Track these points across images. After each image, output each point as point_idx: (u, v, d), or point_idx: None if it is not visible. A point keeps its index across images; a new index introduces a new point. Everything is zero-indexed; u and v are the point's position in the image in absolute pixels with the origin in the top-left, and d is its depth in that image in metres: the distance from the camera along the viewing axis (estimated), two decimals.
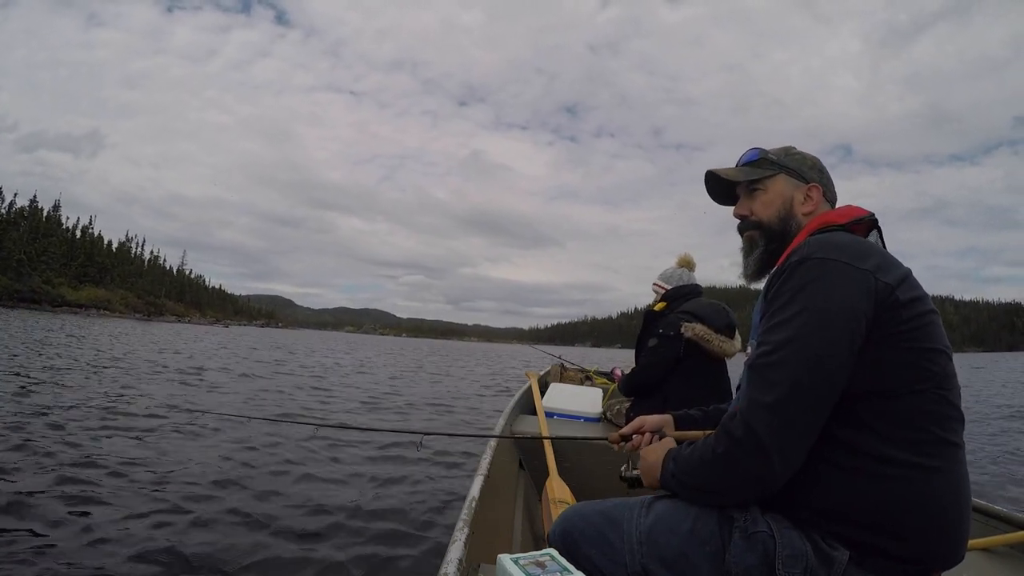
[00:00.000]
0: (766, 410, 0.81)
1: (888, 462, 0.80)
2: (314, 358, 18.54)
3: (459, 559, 1.06)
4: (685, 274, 2.74)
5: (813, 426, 0.81)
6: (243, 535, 2.59)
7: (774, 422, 0.80)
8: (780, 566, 0.81)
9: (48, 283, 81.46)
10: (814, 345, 0.81)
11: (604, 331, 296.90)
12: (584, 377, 4.58)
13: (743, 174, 1.09)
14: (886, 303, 0.82)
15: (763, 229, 1.06)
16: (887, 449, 0.80)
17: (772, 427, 0.80)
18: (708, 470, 0.89)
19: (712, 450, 0.87)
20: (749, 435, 0.82)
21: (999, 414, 8.50)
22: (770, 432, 0.80)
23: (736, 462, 0.84)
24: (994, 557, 1.52)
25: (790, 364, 0.81)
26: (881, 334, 0.82)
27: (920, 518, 0.79)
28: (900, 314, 0.82)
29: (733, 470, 0.85)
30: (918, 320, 0.83)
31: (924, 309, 0.84)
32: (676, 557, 0.89)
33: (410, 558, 2.49)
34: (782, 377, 0.81)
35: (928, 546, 0.80)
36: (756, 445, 0.81)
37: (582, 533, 0.98)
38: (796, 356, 0.81)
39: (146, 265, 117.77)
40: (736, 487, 0.87)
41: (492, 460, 1.79)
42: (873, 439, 0.81)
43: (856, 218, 0.99)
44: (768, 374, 0.83)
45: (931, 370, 0.82)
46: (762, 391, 0.83)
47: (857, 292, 0.82)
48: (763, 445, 0.80)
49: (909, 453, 0.80)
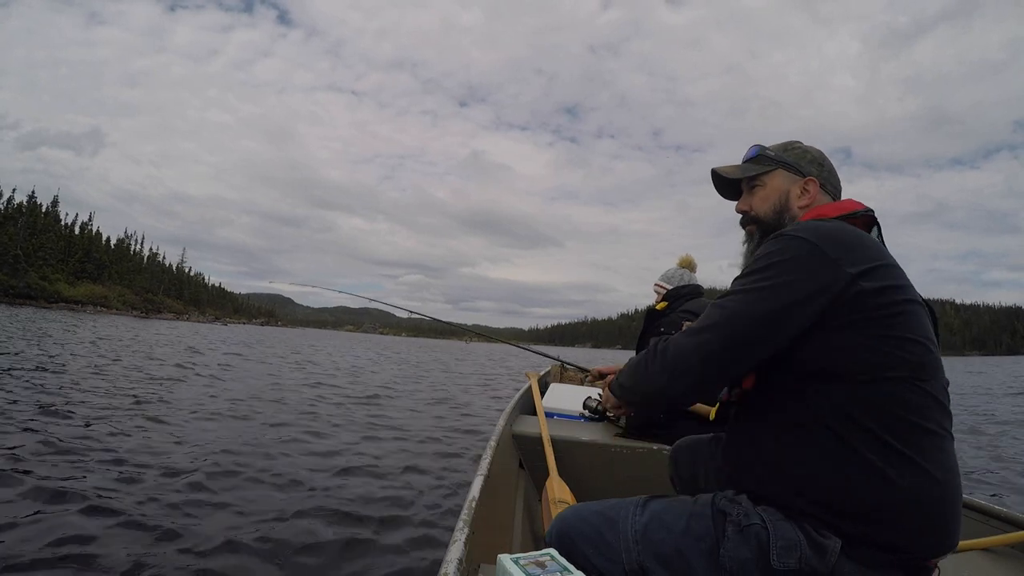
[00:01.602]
0: (689, 336, 0.93)
1: (868, 450, 0.81)
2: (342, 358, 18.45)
3: (459, 559, 1.06)
4: (686, 274, 2.75)
5: (716, 368, 0.91)
6: (243, 535, 2.58)
7: (688, 347, 0.92)
8: (775, 557, 0.82)
9: (45, 279, 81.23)
10: (751, 302, 0.88)
11: (604, 332, 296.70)
12: (584, 377, 4.58)
13: (742, 171, 1.14)
14: (846, 290, 0.84)
15: (760, 223, 1.11)
16: (864, 436, 0.82)
17: (684, 350, 0.92)
18: (631, 370, 1.04)
19: (642, 355, 1.01)
20: (665, 349, 0.95)
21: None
22: (679, 353, 0.92)
23: (647, 367, 0.98)
24: (994, 557, 1.52)
25: (726, 309, 0.90)
26: (847, 320, 0.84)
27: (900, 507, 0.80)
28: (866, 302, 0.84)
29: (642, 372, 0.99)
30: (891, 308, 0.85)
31: (899, 298, 0.86)
32: (672, 554, 0.91)
33: (410, 558, 2.49)
34: (716, 316, 0.91)
35: (913, 535, 0.81)
36: (664, 358, 0.94)
37: (580, 533, 0.99)
38: (732, 306, 0.90)
39: (145, 262, 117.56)
40: (638, 389, 1.02)
41: (492, 460, 1.79)
42: (850, 425, 0.83)
43: (848, 212, 1.01)
44: (709, 311, 0.93)
45: (905, 358, 0.83)
46: (697, 322, 0.94)
47: (811, 273, 0.86)
48: (670, 360, 0.93)
49: (889, 441, 0.81)
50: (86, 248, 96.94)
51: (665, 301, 2.67)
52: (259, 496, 3.15)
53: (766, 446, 0.90)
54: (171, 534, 2.50)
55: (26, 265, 77.86)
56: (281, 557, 2.39)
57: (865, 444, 0.81)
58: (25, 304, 67.14)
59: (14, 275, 74.62)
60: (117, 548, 2.31)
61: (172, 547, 2.38)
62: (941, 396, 0.86)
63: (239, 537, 2.52)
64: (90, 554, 2.24)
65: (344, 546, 2.54)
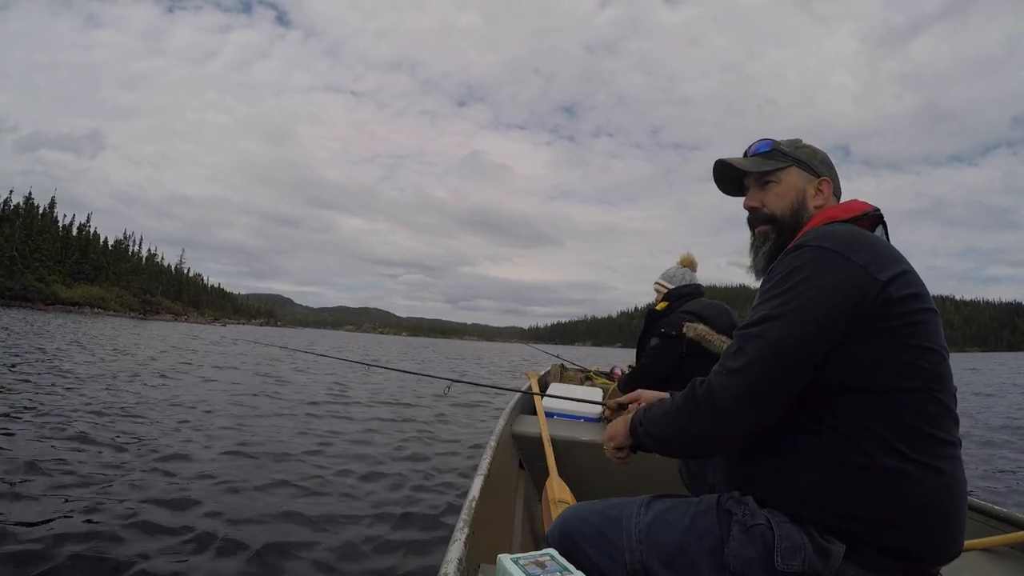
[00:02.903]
0: (730, 375, 0.85)
1: (881, 458, 0.80)
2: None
3: (459, 559, 1.06)
4: (687, 274, 2.74)
5: (769, 402, 0.84)
6: (241, 534, 2.58)
7: (734, 388, 0.84)
8: (779, 559, 0.82)
9: (41, 280, 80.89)
10: (788, 326, 0.83)
11: (604, 330, 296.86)
12: (584, 377, 4.57)
13: (756, 164, 1.07)
14: (876, 298, 0.82)
15: (776, 222, 1.04)
16: (880, 445, 0.80)
17: (730, 391, 0.84)
18: (667, 420, 0.94)
19: (675, 402, 0.93)
20: (708, 394, 0.87)
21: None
22: (726, 395, 0.85)
23: (690, 416, 0.89)
24: (994, 557, 1.52)
25: (763, 339, 0.84)
26: (871, 328, 0.82)
27: (913, 514, 0.80)
28: (891, 310, 0.82)
29: (686, 423, 0.90)
30: (912, 317, 0.83)
31: (920, 307, 0.84)
32: (675, 553, 0.90)
33: (410, 558, 2.48)
34: (754, 349, 0.84)
35: (921, 541, 0.80)
36: (710, 404, 0.86)
37: (581, 533, 0.99)
38: (770, 334, 0.84)
39: (144, 263, 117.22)
40: (684, 441, 0.93)
41: (492, 460, 1.79)
42: (867, 435, 0.81)
43: (860, 213, 0.98)
44: (743, 344, 0.87)
45: (924, 368, 0.82)
46: (732, 358, 0.87)
47: (842, 283, 0.83)
48: (716, 406, 0.85)
49: (902, 449, 0.80)
50: (83, 249, 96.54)
51: (666, 301, 2.66)
52: (258, 495, 3.14)
53: (778, 451, 0.89)
54: (170, 533, 2.49)
55: (22, 267, 77.55)
56: (280, 557, 2.38)
57: (880, 454, 0.80)
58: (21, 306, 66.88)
59: (10, 276, 74.31)
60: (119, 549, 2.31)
61: (171, 547, 2.38)
62: (951, 403, 0.85)
63: (237, 536, 2.51)
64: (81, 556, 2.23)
65: (344, 546, 2.54)
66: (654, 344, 2.50)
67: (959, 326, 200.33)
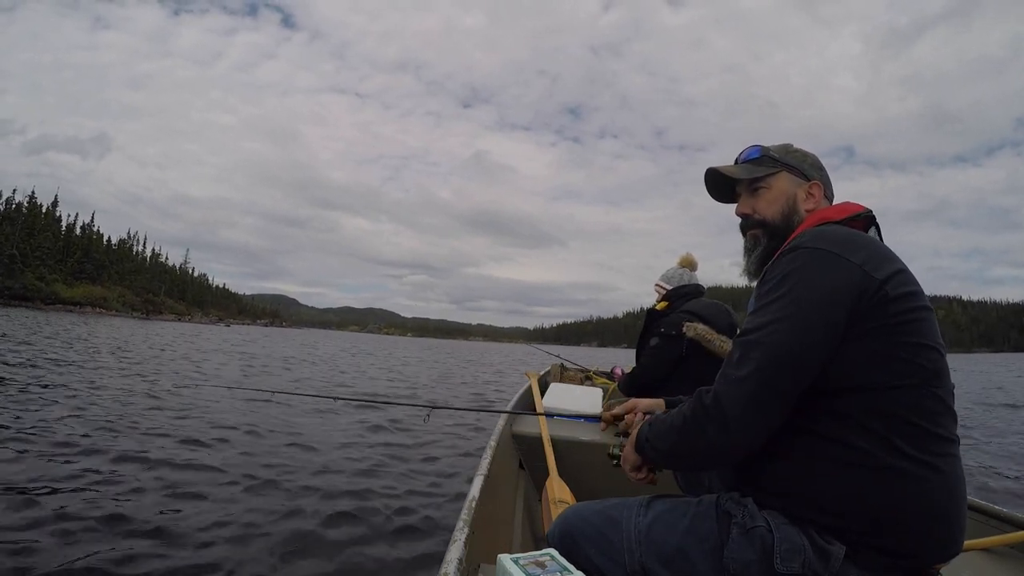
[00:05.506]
0: (736, 384, 0.85)
1: (880, 456, 0.80)
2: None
3: (459, 559, 1.06)
4: (687, 274, 2.74)
5: (777, 407, 0.84)
6: (240, 533, 2.59)
7: (741, 397, 0.84)
8: (779, 560, 0.82)
9: (41, 279, 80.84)
10: (791, 330, 0.83)
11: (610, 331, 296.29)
12: (584, 377, 4.57)
13: (745, 171, 1.08)
14: (873, 297, 0.82)
15: (767, 227, 1.06)
16: (879, 443, 0.80)
17: (737, 400, 0.84)
18: (675, 434, 0.93)
19: (682, 415, 0.92)
20: (715, 404, 0.86)
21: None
22: (734, 404, 0.84)
23: (699, 428, 0.88)
24: (994, 557, 1.51)
25: (765, 345, 0.84)
26: (868, 327, 0.82)
27: (912, 513, 0.80)
28: (888, 308, 0.82)
29: (695, 435, 0.89)
30: (909, 315, 0.83)
31: (915, 305, 0.84)
32: (674, 554, 0.90)
33: (410, 558, 2.49)
34: (757, 356, 0.84)
35: (921, 541, 0.80)
36: (719, 414, 0.85)
37: (581, 533, 0.99)
38: (772, 338, 0.84)
39: (147, 263, 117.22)
40: (694, 453, 0.92)
41: (492, 460, 1.79)
42: (865, 434, 0.81)
43: (853, 214, 0.99)
44: (745, 351, 0.86)
45: (922, 366, 0.82)
46: (736, 366, 0.86)
47: (840, 283, 0.83)
48: (725, 416, 0.84)
49: (901, 447, 0.80)
50: (85, 248, 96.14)
51: (666, 301, 2.66)
52: (257, 495, 3.16)
53: (776, 452, 0.89)
54: (169, 532, 2.51)
55: (22, 265, 77.52)
56: (279, 557, 2.39)
57: (879, 452, 0.80)
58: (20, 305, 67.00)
59: (10, 275, 74.31)
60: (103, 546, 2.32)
61: (168, 545, 2.39)
62: (949, 400, 0.85)
63: (236, 535, 2.53)
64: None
65: (344, 546, 2.54)
66: (654, 344, 2.50)
67: (966, 327, 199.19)
